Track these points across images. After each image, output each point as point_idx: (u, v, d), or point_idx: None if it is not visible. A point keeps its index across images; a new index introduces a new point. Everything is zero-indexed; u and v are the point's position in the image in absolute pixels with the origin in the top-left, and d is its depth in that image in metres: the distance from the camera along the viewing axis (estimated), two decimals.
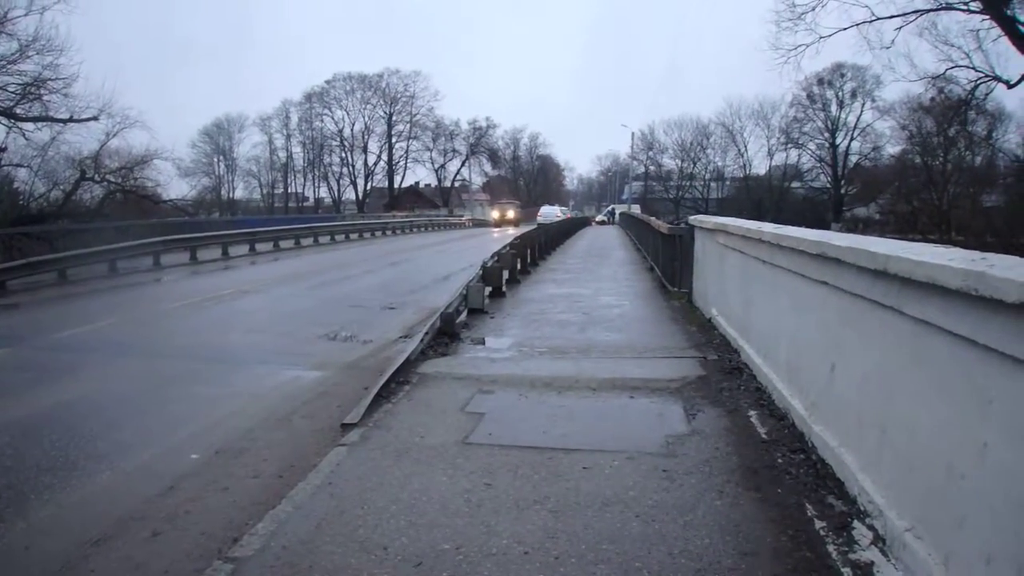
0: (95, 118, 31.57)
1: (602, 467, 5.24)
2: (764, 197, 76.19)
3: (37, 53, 28.24)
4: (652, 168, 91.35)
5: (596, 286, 16.34)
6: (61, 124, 31.34)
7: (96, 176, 36.95)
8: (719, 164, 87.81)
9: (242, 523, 4.69)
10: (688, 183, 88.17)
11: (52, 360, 10.07)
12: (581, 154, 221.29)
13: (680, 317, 11.55)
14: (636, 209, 69.26)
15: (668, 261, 15.64)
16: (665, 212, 67.97)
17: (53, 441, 6.58)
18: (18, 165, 34.62)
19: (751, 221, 9.01)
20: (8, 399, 8.22)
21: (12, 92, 28.80)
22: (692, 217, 13.12)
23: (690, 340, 9.69)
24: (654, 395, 7.11)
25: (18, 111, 29.13)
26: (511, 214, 67.20)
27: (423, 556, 4.04)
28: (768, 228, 7.00)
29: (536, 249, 21.86)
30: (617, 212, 77.20)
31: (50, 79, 29.07)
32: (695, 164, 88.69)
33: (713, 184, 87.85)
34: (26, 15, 27.62)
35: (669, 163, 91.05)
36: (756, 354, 7.52)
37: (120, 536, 4.73)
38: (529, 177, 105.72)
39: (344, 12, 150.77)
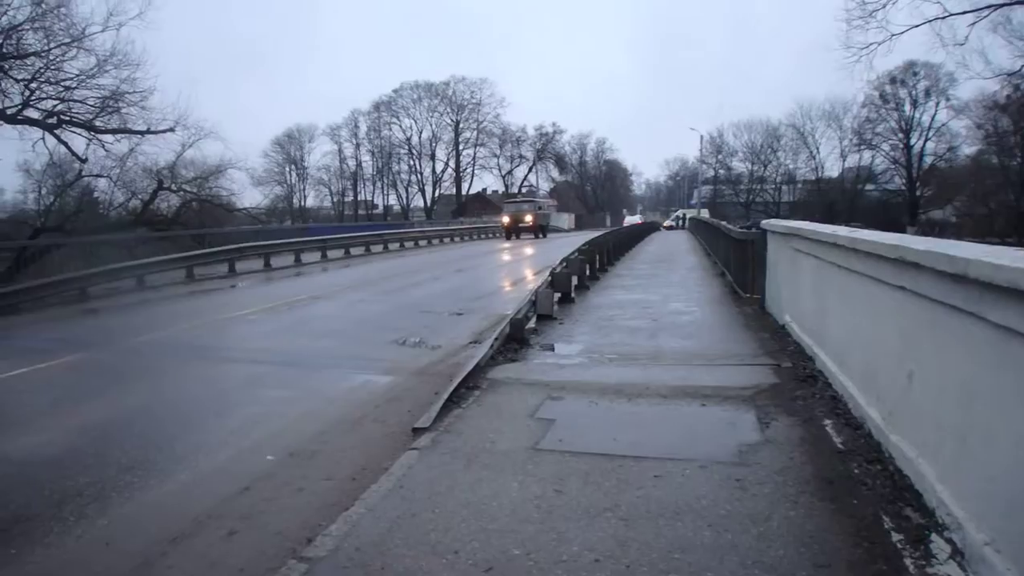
0: (171, 129, 32.34)
1: (673, 475, 5.19)
2: (837, 200, 74.75)
3: (114, 67, 28.96)
4: (721, 172, 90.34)
5: (665, 292, 16.21)
6: (139, 136, 32.15)
7: (173, 186, 37.82)
8: (790, 167, 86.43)
9: (316, 524, 4.76)
10: (758, 187, 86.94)
11: (131, 363, 10.37)
12: (648, 159, 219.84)
13: (752, 323, 11.39)
14: (705, 214, 68.57)
15: (739, 266, 15.45)
16: (735, 216, 67.03)
17: (133, 442, 6.78)
18: (98, 175, 35.68)
19: (825, 225, 8.86)
20: (90, 401, 8.49)
21: (91, 105, 29.62)
22: (764, 221, 12.94)
23: (763, 347, 9.55)
24: (726, 403, 7.02)
25: (97, 124, 29.95)
26: (528, 219, 47.70)
27: (493, 561, 4.05)
28: (843, 232, 6.87)
29: (604, 255, 21.78)
30: (684, 216, 76.53)
31: (127, 92, 29.78)
32: (765, 167, 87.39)
33: (784, 187, 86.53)
34: (103, 31, 28.36)
35: (739, 166, 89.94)
36: (831, 361, 7.38)
37: (197, 534, 4.85)
38: (596, 183, 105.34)
39: (408, 21, 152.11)
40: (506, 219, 48.71)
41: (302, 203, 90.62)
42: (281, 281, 21.77)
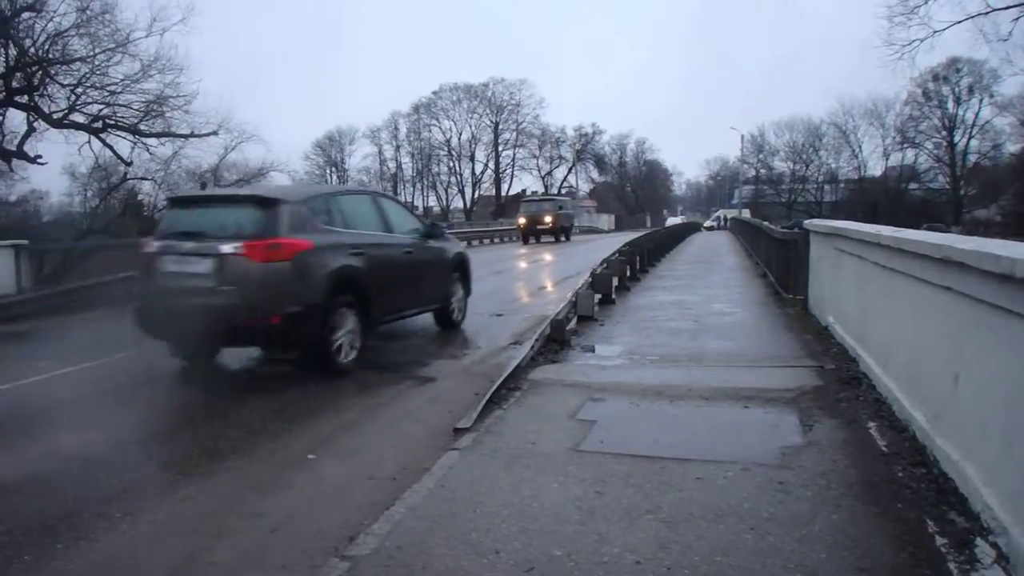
0: (214, 133, 32.85)
1: (715, 478, 5.17)
2: (879, 199, 73.83)
3: (158, 72, 29.49)
4: (763, 171, 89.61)
5: (707, 293, 16.14)
6: (182, 139, 32.68)
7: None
8: (832, 166, 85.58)
9: (358, 522, 4.79)
10: (800, 186, 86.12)
11: (178, 362, 10.51)
12: (689, 159, 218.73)
13: (795, 325, 11.31)
14: (745, 214, 68.04)
15: (782, 267, 15.34)
16: (777, 216, 66.46)
17: (177, 439, 6.89)
18: (143, 178, 36.34)
19: (868, 224, 8.79)
20: (138, 400, 8.64)
21: (136, 110, 30.18)
22: (807, 221, 12.85)
23: (805, 349, 9.48)
24: (769, 405, 6.98)
25: (142, 127, 30.49)
26: (548, 220, 42.82)
27: (535, 561, 4.07)
28: (886, 231, 6.80)
29: (645, 256, 21.72)
30: (725, 217, 75.98)
31: (171, 97, 30.33)
32: (807, 166, 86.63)
33: (826, 187, 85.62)
34: (147, 36, 28.95)
35: (780, 166, 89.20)
36: (875, 363, 7.31)
37: (240, 531, 4.90)
38: (636, 183, 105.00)
39: (447, 22, 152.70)
40: (522, 220, 43.40)
41: None
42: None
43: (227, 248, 8.49)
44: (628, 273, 17.53)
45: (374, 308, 9.72)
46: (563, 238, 44.54)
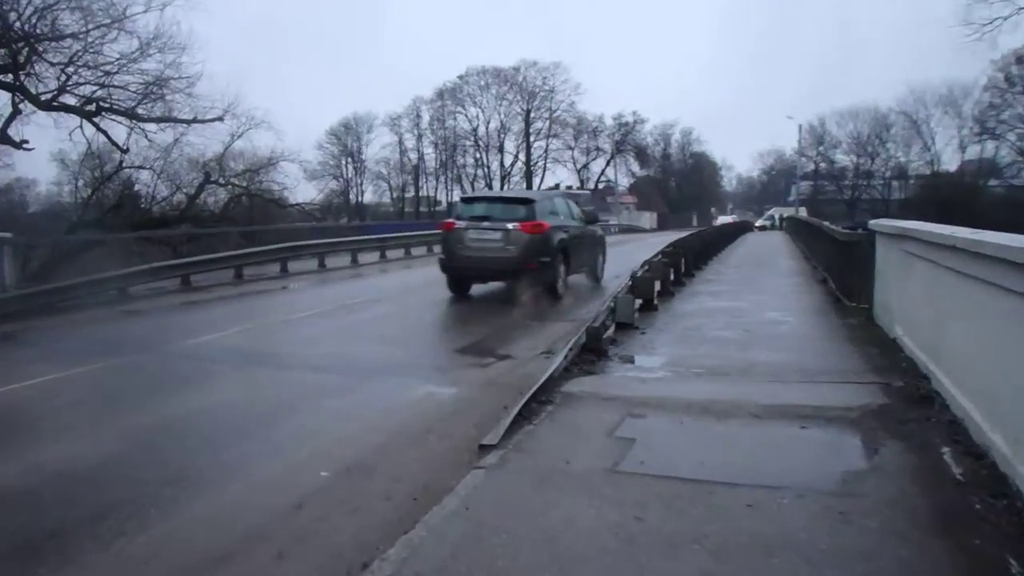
0: (220, 119, 33.00)
1: (767, 505, 5.15)
2: (954, 197, 73.10)
3: (158, 51, 29.69)
4: (823, 166, 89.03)
5: (758, 299, 16.08)
6: (184, 125, 32.78)
7: (220, 179, 38.65)
8: (900, 160, 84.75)
9: (373, 546, 4.81)
10: (864, 182, 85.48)
11: (176, 369, 10.63)
12: (740, 151, 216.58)
13: (858, 336, 11.23)
14: (802, 212, 67.63)
15: (843, 271, 15.25)
16: (838, 215, 65.99)
17: (176, 453, 6.97)
18: (140, 167, 36.62)
19: (941, 225, 8.70)
20: (130, 409, 8.72)
21: (133, 92, 30.36)
22: (872, 221, 12.75)
23: (870, 363, 9.41)
24: (828, 425, 6.94)
25: (140, 111, 30.65)
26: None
27: None
28: (963, 233, 6.73)
29: (691, 258, 21.65)
30: (777, 216, 75.58)
31: (172, 78, 30.53)
32: (872, 160, 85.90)
33: (894, 183, 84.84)
34: (146, 11, 29.11)
35: (842, 159, 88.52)
36: (949, 381, 7.24)
37: (245, 554, 4.96)
38: (681, 177, 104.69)
39: (473, 1, 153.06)
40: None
41: (359, 199, 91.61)
42: (337, 283, 22.07)
43: (510, 226, 16.44)
44: (672, 277, 17.47)
45: (571, 264, 17.70)
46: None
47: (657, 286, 15.31)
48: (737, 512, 5.04)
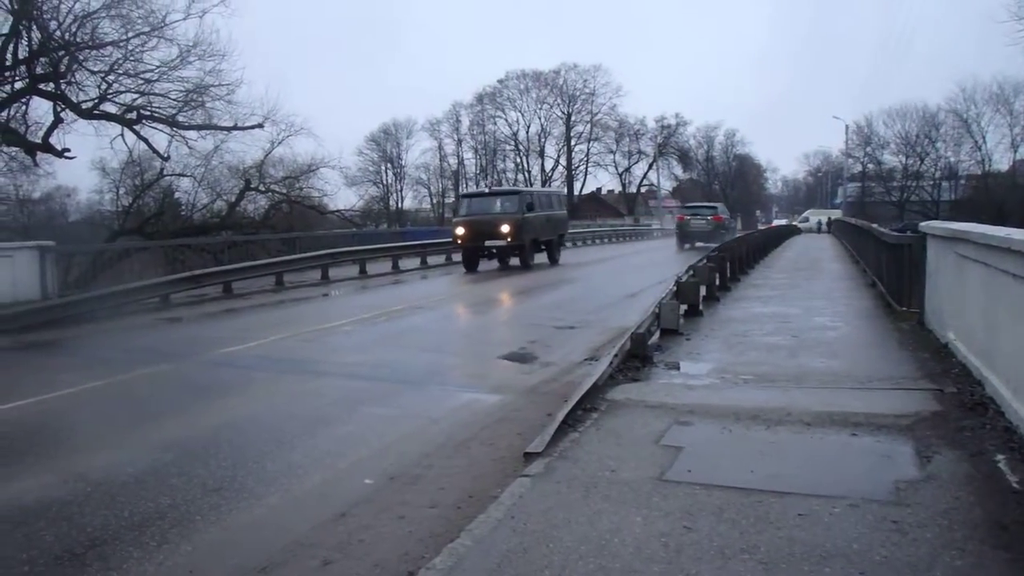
0: (260, 125, 33.04)
1: (820, 514, 5.11)
2: (1007, 198, 72.00)
3: (198, 59, 29.71)
4: (870, 167, 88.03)
5: (807, 304, 15.96)
6: (224, 132, 32.91)
7: (261, 186, 38.95)
8: (951, 160, 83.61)
9: (418, 556, 4.86)
10: (914, 183, 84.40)
11: (218, 376, 10.76)
12: (785, 152, 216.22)
13: (909, 341, 11.13)
14: (835, 215, 67.01)
15: (894, 275, 15.10)
16: (886, 217, 65.24)
17: (220, 461, 7.04)
18: (181, 175, 37.06)
19: (995, 227, 8.61)
20: (174, 416, 8.85)
21: (174, 99, 30.48)
22: (924, 223, 12.63)
23: (922, 369, 9.32)
24: (880, 433, 6.88)
25: (180, 119, 30.77)
26: (504, 229, 28.29)
27: None
28: (1019, 235, 6.66)
29: (737, 262, 21.55)
30: (814, 219, 74.79)
31: (212, 85, 30.55)
32: (922, 161, 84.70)
33: (944, 184, 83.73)
34: (185, 19, 29.13)
35: (891, 160, 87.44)
36: (1005, 387, 7.16)
37: (289, 564, 5.00)
38: (725, 180, 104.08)
39: (512, 4, 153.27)
40: (460, 230, 28.67)
41: (399, 204, 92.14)
42: (378, 289, 22.22)
43: (711, 215, 42.93)
44: (717, 282, 17.41)
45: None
46: (553, 257, 31.73)
47: (702, 291, 15.28)
48: (788, 522, 5.01)
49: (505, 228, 27.85)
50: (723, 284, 18.25)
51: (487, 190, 32.64)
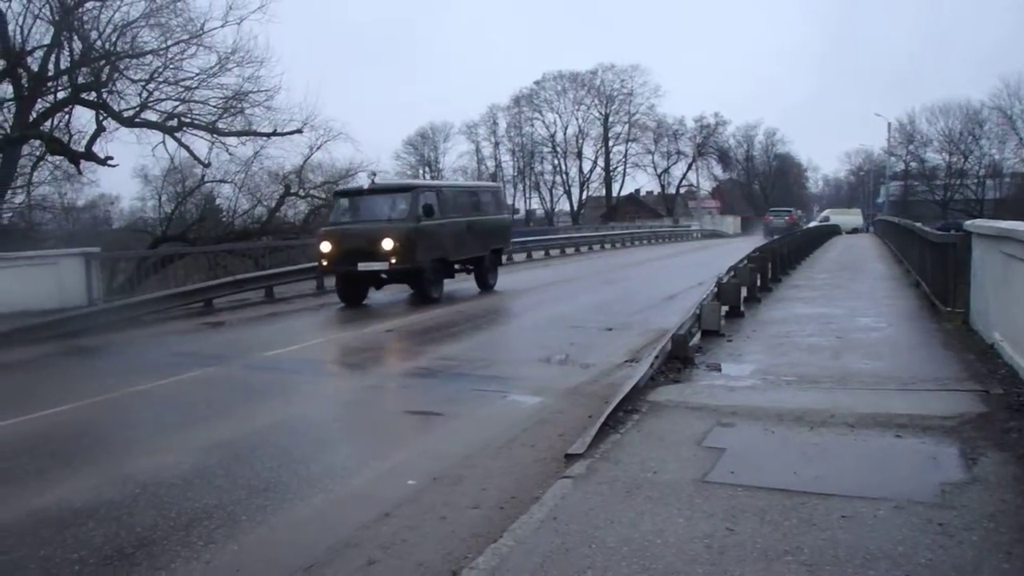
0: (299, 131, 33.01)
1: (864, 516, 5.10)
2: None
3: (236, 65, 29.81)
4: (913, 165, 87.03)
5: (850, 305, 15.83)
6: (264, 138, 33.06)
7: (300, 191, 39.15)
8: (995, 157, 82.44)
9: (461, 556, 4.91)
10: (958, 181, 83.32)
11: (262, 379, 10.88)
12: (826, 151, 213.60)
13: (954, 342, 11.03)
14: (856, 214, 66.54)
15: (938, 275, 14.95)
16: (929, 216, 64.42)
17: (264, 462, 7.14)
18: (221, 181, 37.38)
19: None
20: (219, 419, 8.97)
21: (213, 106, 30.65)
22: (968, 222, 12.50)
23: (967, 370, 9.23)
24: (925, 435, 6.83)
25: (220, 125, 30.96)
26: (386, 246, 18.28)
27: None
28: None
29: (778, 262, 21.42)
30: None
31: (251, 92, 30.63)
32: (965, 158, 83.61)
33: (988, 181, 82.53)
34: (223, 26, 29.23)
35: (934, 158, 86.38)
36: None
37: (333, 563, 5.05)
38: (765, 180, 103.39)
39: (549, 5, 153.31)
40: (325, 246, 19.55)
41: None
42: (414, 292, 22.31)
43: (787, 216, 56.61)
44: (759, 282, 17.33)
45: None
46: (433, 290, 19.80)
47: (744, 292, 15.22)
48: (832, 524, 5.00)
49: (387, 244, 18.37)
50: (764, 285, 18.15)
51: (365, 187, 21.47)
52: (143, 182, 44.29)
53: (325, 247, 19.30)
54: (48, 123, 28.50)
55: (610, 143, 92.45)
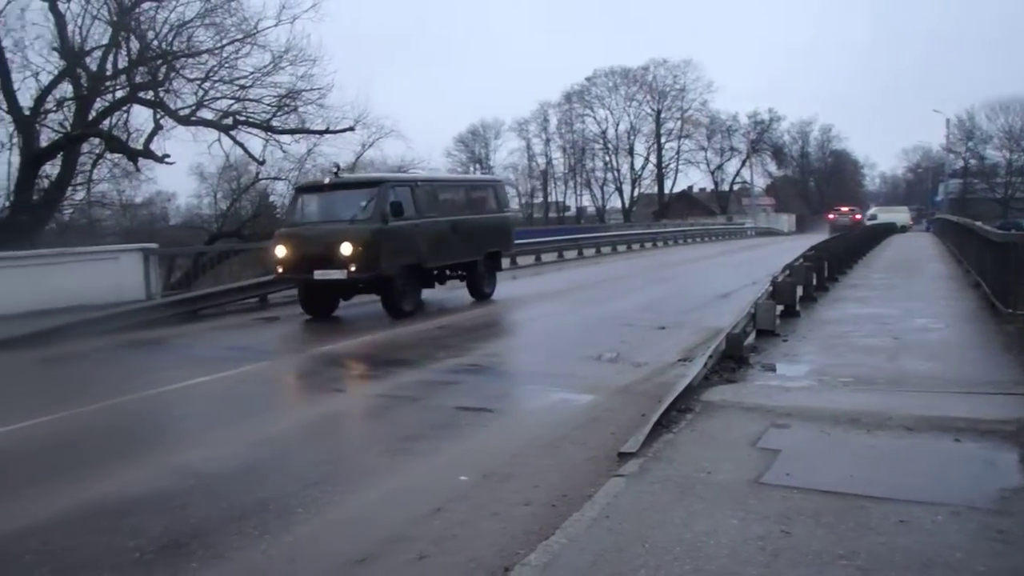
0: (351, 128, 33.26)
1: (921, 521, 5.04)
2: None
3: (290, 64, 30.29)
4: (972, 162, 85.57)
5: (907, 305, 15.64)
6: (317, 136, 33.37)
7: None
8: None
9: (513, 552, 4.93)
10: (1019, 179, 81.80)
11: (315, 373, 11.01)
12: (883, 148, 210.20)
13: (1015, 344, 10.82)
14: (904, 212, 65.71)
15: (998, 276, 14.71)
16: (989, 215, 63.30)
17: (317, 455, 7.28)
18: (276, 178, 37.81)
19: None
20: (271, 412, 9.13)
21: (268, 105, 31.12)
22: None
23: None
24: (984, 439, 6.73)
25: (274, 124, 31.37)
26: (345, 248, 15.55)
27: None
28: None
29: (834, 262, 21.19)
30: (882, 216, 73.08)
31: (304, 90, 31.07)
32: None
33: None
34: (276, 25, 29.75)
35: (994, 155, 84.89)
36: None
37: (385, 556, 5.10)
38: (820, 177, 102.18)
39: (599, 1, 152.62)
40: (281, 250, 16.64)
41: None
42: (466, 289, 22.37)
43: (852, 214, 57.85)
44: (815, 281, 17.16)
45: None
46: (404, 303, 16.79)
47: (799, 291, 15.09)
48: (888, 528, 4.95)
49: (345, 248, 15.69)
50: (820, 284, 17.97)
51: (326, 180, 18.11)
52: (199, 179, 45.09)
53: (280, 251, 16.59)
54: (107, 122, 29.15)
55: (662, 139, 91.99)
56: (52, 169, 28.59)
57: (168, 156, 29.84)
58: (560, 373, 10.48)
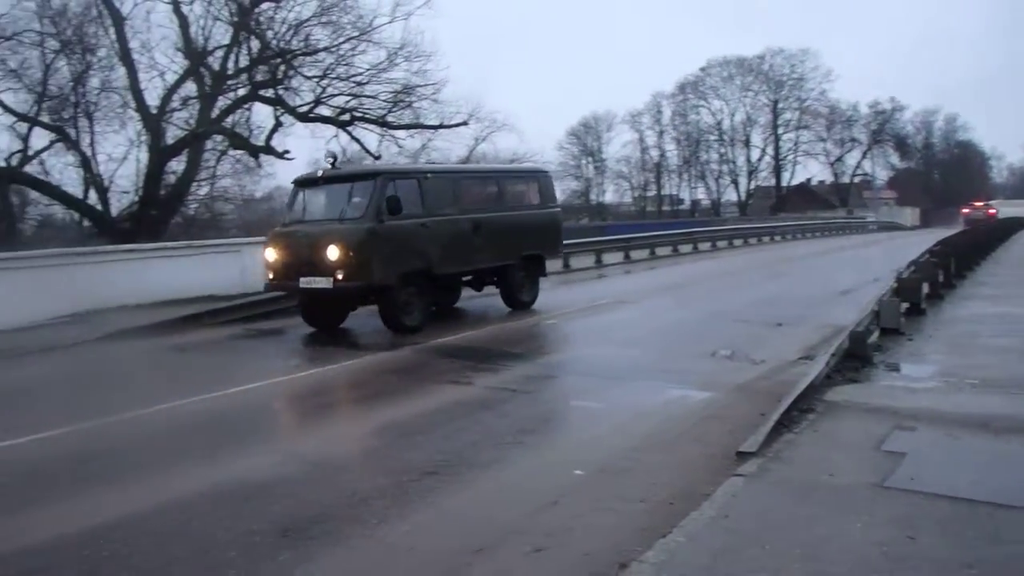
0: (465, 123, 33.66)
1: None
2: None
3: (404, 60, 30.76)
4: None
5: None
6: (431, 131, 33.80)
7: None
8: None
9: (629, 548, 4.92)
10: None
11: (430, 365, 11.18)
12: (1012, 139, 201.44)
13: None
14: (1020, 206, 63.21)
15: None
16: None
17: (431, 445, 7.38)
18: None
19: None
20: (389, 401, 9.36)
21: (383, 101, 31.70)
22: None
23: None
24: None
25: (390, 119, 31.94)
26: (332, 252, 13.26)
27: None
28: None
29: (960, 258, 20.55)
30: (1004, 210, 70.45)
31: (419, 85, 31.54)
32: None
33: None
34: (391, 22, 30.26)
35: None
36: None
37: (501, 547, 5.17)
38: (945, 169, 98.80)
39: None
40: (271, 253, 14.48)
41: (600, 198, 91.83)
42: (581, 284, 22.35)
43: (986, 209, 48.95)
44: (941, 278, 16.65)
45: None
46: (407, 317, 14.13)
47: (925, 289, 14.67)
48: (1019, 538, 4.82)
49: (331, 252, 13.48)
50: (947, 281, 17.43)
51: (319, 173, 15.79)
52: None
53: (269, 255, 14.59)
54: (230, 119, 30.15)
55: (779, 131, 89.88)
56: (178, 165, 29.61)
57: (288, 152, 30.66)
58: (676, 369, 10.42)
